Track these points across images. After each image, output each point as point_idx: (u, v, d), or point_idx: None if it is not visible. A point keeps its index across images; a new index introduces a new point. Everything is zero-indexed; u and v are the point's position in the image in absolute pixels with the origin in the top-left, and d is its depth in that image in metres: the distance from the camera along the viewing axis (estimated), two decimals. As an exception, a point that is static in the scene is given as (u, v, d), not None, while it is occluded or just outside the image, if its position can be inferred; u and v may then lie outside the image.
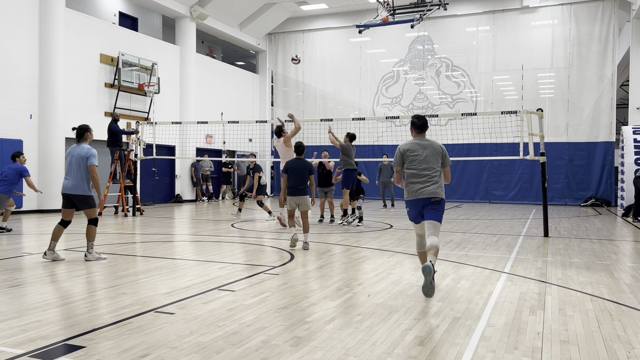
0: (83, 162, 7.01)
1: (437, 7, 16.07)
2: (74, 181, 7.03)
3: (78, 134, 7.27)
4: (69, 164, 7.09)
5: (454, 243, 9.12)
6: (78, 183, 7.03)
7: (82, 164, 7.01)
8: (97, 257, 7.12)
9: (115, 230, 10.96)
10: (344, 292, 5.41)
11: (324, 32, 23.56)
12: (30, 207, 14.10)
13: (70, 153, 7.16)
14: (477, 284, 5.80)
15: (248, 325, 4.22)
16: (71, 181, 7.04)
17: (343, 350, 3.66)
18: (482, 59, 20.81)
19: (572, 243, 9.30)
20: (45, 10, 14.31)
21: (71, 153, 7.14)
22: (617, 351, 3.70)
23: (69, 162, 7.11)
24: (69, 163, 7.09)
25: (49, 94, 14.35)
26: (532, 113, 10.23)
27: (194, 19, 19.63)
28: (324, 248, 8.53)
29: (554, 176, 19.20)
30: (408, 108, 21.81)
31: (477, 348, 3.73)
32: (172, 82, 19.30)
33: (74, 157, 7.06)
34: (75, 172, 7.01)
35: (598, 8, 19.30)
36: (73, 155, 7.08)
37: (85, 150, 7.08)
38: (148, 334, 3.95)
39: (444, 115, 15.95)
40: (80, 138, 7.25)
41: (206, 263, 7.03)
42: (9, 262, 6.92)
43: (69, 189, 7.04)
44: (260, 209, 14.12)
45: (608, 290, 5.57)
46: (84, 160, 7.01)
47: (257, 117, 24.25)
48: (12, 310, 4.60)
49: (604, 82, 19.20)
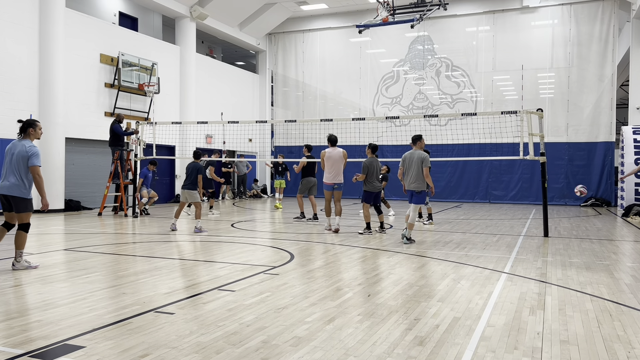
0: (24, 161, 6.31)
1: (437, 7, 16.07)
2: (11, 181, 6.33)
3: (22, 128, 6.52)
4: (8, 162, 6.36)
5: (454, 243, 9.12)
6: (16, 183, 6.32)
7: (23, 163, 6.31)
8: (27, 265, 6.44)
9: (115, 230, 10.95)
10: (344, 292, 5.41)
11: (324, 32, 23.55)
12: (30, 207, 14.09)
13: (10, 150, 6.44)
14: (477, 284, 5.80)
15: (248, 325, 4.22)
16: (8, 181, 6.35)
17: (343, 350, 3.66)
18: (482, 59, 20.81)
19: (572, 243, 9.30)
20: (45, 10, 14.30)
21: (11, 150, 6.42)
22: (617, 351, 3.70)
23: (8, 161, 6.37)
24: (9, 161, 6.36)
25: (49, 94, 14.34)
26: (532, 113, 10.24)
27: (194, 19, 19.62)
28: (323, 248, 8.53)
29: (554, 176, 19.20)
30: (408, 108, 21.81)
31: (477, 348, 3.73)
32: (172, 82, 19.29)
33: (14, 155, 6.35)
34: (14, 172, 6.31)
35: (598, 8, 19.30)
36: (13, 153, 6.36)
37: (26, 148, 6.34)
38: (148, 334, 3.95)
39: (444, 115, 15.93)
40: (24, 133, 6.52)
41: (206, 263, 7.03)
42: (9, 262, 6.91)
43: (5, 189, 6.34)
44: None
45: (608, 290, 5.57)
46: (24, 160, 6.31)
47: (257, 117, 24.25)
48: (12, 310, 4.60)
49: (604, 82, 19.20)
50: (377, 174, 10.35)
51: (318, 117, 22.57)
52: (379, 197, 10.56)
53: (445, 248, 8.52)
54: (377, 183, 10.29)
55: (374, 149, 10.50)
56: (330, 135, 10.85)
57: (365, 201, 10.37)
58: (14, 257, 6.46)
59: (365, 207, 10.39)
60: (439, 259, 7.47)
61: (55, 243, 9.01)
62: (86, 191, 15.97)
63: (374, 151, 10.48)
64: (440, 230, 11.19)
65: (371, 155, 10.42)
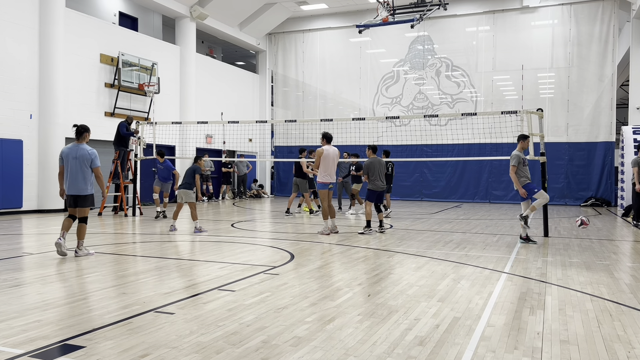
0: (87, 163, 7.26)
1: (437, 7, 16.07)
2: (78, 181, 7.27)
3: (78, 133, 7.42)
4: (73, 165, 7.24)
5: (454, 243, 9.12)
6: (82, 183, 7.30)
7: (86, 165, 7.26)
8: (87, 252, 7.41)
9: (115, 230, 10.95)
10: (344, 292, 5.41)
11: (324, 32, 23.55)
12: (30, 207, 14.10)
13: (70, 154, 7.27)
14: (477, 284, 5.80)
15: (248, 325, 4.22)
16: (75, 182, 7.27)
17: (343, 350, 3.66)
18: (482, 59, 20.81)
19: (572, 243, 9.30)
20: (45, 10, 14.30)
21: (72, 154, 7.26)
22: (617, 351, 3.70)
23: (72, 164, 7.24)
24: (73, 164, 7.24)
25: (49, 94, 14.34)
26: (532, 113, 10.24)
27: (194, 19, 19.62)
28: (323, 248, 8.53)
29: (554, 176, 19.19)
30: (408, 108, 21.81)
31: (477, 348, 3.73)
32: (172, 82, 19.29)
33: (76, 159, 7.24)
34: (79, 173, 7.25)
35: (598, 8, 19.30)
36: (76, 157, 7.25)
37: (88, 151, 7.32)
38: (148, 334, 3.95)
39: (444, 115, 15.94)
40: (80, 137, 7.42)
41: (206, 263, 7.03)
42: (9, 262, 6.92)
43: (75, 189, 7.29)
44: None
45: (608, 290, 5.57)
46: (88, 162, 7.26)
47: (257, 117, 24.25)
48: (12, 310, 4.60)
49: (604, 82, 19.20)
50: (381, 173, 10.46)
51: (318, 117, 22.57)
52: (382, 196, 10.65)
53: (445, 248, 8.52)
54: (380, 182, 10.39)
55: (374, 150, 10.69)
56: (326, 132, 10.84)
57: (369, 200, 10.46)
58: (76, 246, 7.41)
59: (367, 205, 10.47)
60: (439, 259, 7.47)
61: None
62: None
63: (374, 151, 10.67)
64: (440, 230, 11.19)
65: (372, 155, 10.58)
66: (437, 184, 21.21)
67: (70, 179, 7.29)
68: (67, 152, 7.33)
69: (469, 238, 9.86)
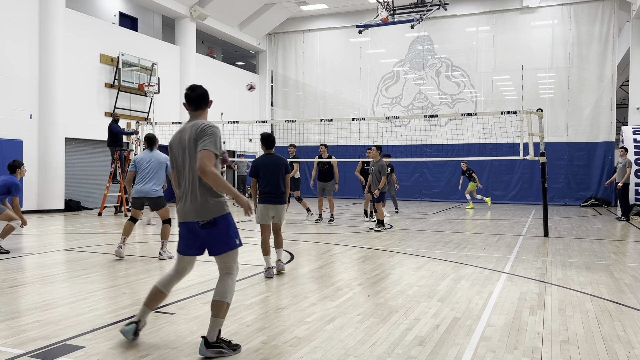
0: (162, 168, 7.62)
1: (437, 7, 16.06)
2: (152, 184, 7.53)
3: (150, 142, 7.82)
4: (148, 170, 7.53)
5: (454, 243, 9.12)
6: (156, 187, 7.56)
7: (161, 169, 7.61)
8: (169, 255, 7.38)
9: (116, 230, 10.95)
10: (344, 292, 5.41)
11: (324, 32, 23.55)
12: (30, 207, 14.09)
13: (145, 160, 7.59)
14: (477, 284, 5.80)
15: (248, 325, 4.22)
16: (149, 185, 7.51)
17: (343, 350, 3.66)
18: (482, 59, 20.81)
19: (572, 243, 9.30)
20: (45, 10, 14.30)
21: (147, 160, 7.59)
22: (617, 351, 3.70)
23: (148, 168, 7.53)
24: (149, 169, 7.53)
25: (49, 94, 14.34)
26: (532, 113, 10.23)
27: (194, 19, 19.62)
28: (324, 248, 8.53)
29: (554, 176, 19.18)
30: (408, 108, 21.80)
31: (477, 348, 3.73)
32: (172, 82, 19.29)
33: (151, 163, 7.57)
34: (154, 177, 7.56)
35: (598, 8, 19.29)
36: (151, 160, 7.58)
37: (163, 157, 7.69)
38: (148, 334, 3.95)
39: (444, 115, 15.95)
40: (152, 146, 7.82)
41: (206, 263, 7.02)
42: (9, 262, 6.91)
43: (146, 192, 7.49)
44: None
45: (608, 290, 5.57)
46: (163, 167, 7.62)
47: (257, 117, 24.23)
48: (12, 310, 4.60)
49: (604, 82, 19.20)
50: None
51: (318, 117, 22.56)
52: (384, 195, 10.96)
53: (445, 248, 8.51)
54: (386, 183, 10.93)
55: (381, 150, 11.21)
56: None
57: (380, 200, 10.82)
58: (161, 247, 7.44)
59: (378, 205, 10.84)
60: (439, 259, 7.47)
61: (55, 243, 9.01)
62: (86, 191, 15.97)
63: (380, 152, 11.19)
64: (440, 230, 11.19)
65: (378, 156, 11.00)
66: (437, 184, 21.20)
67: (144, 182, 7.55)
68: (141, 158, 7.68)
69: (469, 238, 9.86)
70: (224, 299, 3.58)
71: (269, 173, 6.38)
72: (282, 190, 6.39)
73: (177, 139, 3.71)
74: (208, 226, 3.55)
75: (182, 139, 3.66)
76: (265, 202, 6.35)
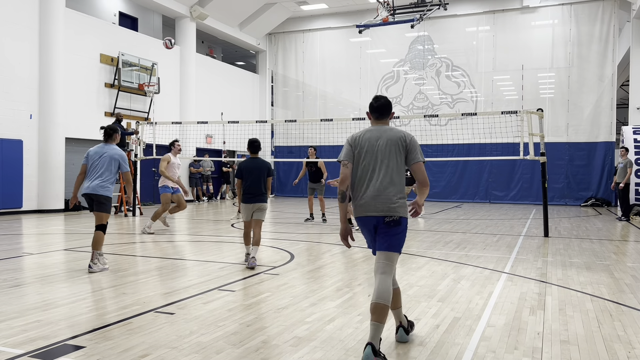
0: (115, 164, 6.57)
1: (437, 7, 16.06)
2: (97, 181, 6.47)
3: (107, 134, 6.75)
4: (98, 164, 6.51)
5: (454, 243, 9.12)
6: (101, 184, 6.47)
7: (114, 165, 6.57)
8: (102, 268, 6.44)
9: (115, 230, 10.94)
10: (344, 292, 5.40)
11: (324, 32, 23.54)
12: (30, 207, 14.09)
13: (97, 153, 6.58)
14: (477, 284, 5.80)
15: (248, 325, 4.22)
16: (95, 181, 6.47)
17: (343, 350, 3.66)
18: (482, 59, 20.80)
19: (572, 243, 9.30)
20: (45, 10, 14.30)
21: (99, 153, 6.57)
22: (617, 351, 3.70)
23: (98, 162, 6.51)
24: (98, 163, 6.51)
25: (49, 94, 14.34)
26: (532, 113, 10.23)
27: (194, 19, 19.62)
28: (323, 248, 8.53)
29: (554, 176, 19.18)
30: (408, 108, 21.80)
31: (477, 348, 3.73)
32: (172, 82, 19.29)
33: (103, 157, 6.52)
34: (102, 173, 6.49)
35: (598, 8, 19.29)
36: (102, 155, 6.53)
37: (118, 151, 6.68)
38: (148, 334, 3.94)
39: (444, 115, 15.94)
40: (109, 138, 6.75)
41: (206, 263, 7.03)
42: (9, 262, 6.92)
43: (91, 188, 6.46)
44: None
45: (608, 290, 5.56)
46: (115, 163, 6.57)
47: (257, 117, 24.23)
48: (12, 310, 4.60)
49: (604, 82, 19.20)
50: None
51: (318, 117, 22.55)
52: None
53: (445, 248, 8.51)
54: None
55: None
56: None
57: None
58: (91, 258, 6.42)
59: None
60: (439, 259, 7.47)
61: (55, 243, 9.00)
62: (86, 191, 15.94)
63: None
64: (440, 230, 11.18)
65: None
66: (437, 184, 21.18)
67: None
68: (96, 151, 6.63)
69: (469, 238, 9.85)
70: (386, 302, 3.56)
71: (252, 175, 6.84)
72: (263, 192, 6.85)
73: (364, 138, 3.97)
74: (393, 224, 3.66)
75: (372, 138, 3.91)
76: (247, 202, 6.82)
